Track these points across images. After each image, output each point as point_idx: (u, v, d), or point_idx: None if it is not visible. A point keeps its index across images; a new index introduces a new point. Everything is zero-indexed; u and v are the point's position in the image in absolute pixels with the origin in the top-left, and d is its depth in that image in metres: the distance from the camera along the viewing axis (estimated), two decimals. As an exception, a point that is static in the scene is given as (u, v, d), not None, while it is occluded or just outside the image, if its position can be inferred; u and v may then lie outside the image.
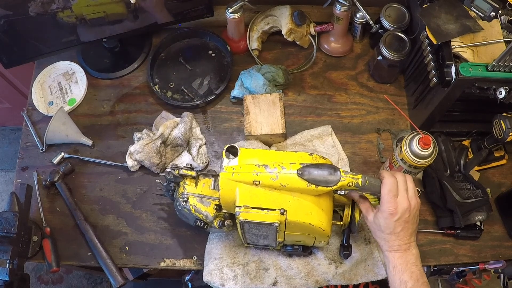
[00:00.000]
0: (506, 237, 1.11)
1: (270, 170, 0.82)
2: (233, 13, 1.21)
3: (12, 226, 0.98)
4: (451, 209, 1.06)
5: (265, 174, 0.82)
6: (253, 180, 0.83)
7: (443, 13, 1.01)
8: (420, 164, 0.95)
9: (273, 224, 0.83)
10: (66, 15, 1.10)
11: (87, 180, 1.18)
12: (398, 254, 0.86)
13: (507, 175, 1.17)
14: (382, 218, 0.85)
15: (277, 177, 0.82)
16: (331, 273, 1.03)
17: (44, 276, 1.99)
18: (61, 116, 1.18)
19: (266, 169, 0.83)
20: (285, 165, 0.82)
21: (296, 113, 1.26)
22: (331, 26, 1.27)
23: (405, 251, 0.86)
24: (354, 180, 0.83)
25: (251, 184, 0.83)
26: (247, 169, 0.84)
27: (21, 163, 1.21)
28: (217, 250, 1.05)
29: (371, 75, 1.30)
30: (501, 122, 1.00)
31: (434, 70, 1.00)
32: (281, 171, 0.82)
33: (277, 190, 0.83)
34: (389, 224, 0.85)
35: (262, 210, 0.83)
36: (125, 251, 1.10)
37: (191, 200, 0.94)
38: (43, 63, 1.32)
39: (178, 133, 1.16)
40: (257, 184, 0.83)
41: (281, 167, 0.82)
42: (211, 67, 1.32)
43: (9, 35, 1.09)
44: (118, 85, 1.31)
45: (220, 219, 0.95)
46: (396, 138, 1.21)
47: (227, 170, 0.85)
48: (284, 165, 0.82)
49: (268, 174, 0.82)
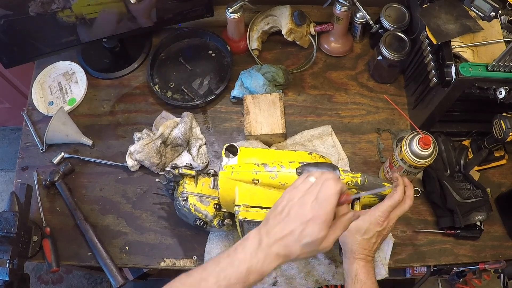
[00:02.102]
0: (506, 237, 1.11)
1: (269, 169, 0.83)
2: (233, 13, 1.21)
3: (12, 226, 0.98)
4: (451, 209, 1.06)
5: (264, 173, 0.82)
6: (252, 179, 0.83)
7: (443, 13, 1.01)
8: (420, 164, 0.95)
9: None
10: (66, 14, 1.10)
11: (87, 180, 1.18)
12: (363, 263, 0.86)
13: (507, 175, 1.17)
14: (368, 221, 0.86)
15: (276, 176, 0.82)
16: (331, 273, 1.03)
17: (44, 276, 1.99)
18: (61, 116, 1.18)
19: (266, 168, 0.83)
20: (284, 164, 0.82)
21: (296, 113, 1.26)
22: (331, 26, 1.27)
23: (369, 262, 0.87)
24: (353, 178, 0.83)
25: (250, 183, 0.83)
26: (247, 168, 0.84)
27: (21, 163, 1.21)
28: (217, 250, 1.05)
29: (371, 75, 1.30)
30: (501, 122, 1.00)
31: (434, 70, 1.00)
32: (280, 170, 0.82)
33: (276, 189, 0.83)
34: (370, 231, 0.85)
35: (261, 209, 0.83)
36: (125, 251, 1.10)
37: (190, 199, 0.94)
38: (43, 63, 1.32)
39: (178, 133, 1.16)
40: (256, 183, 0.83)
41: (280, 166, 0.82)
42: (211, 67, 1.32)
43: (9, 35, 1.09)
44: (118, 85, 1.31)
45: (220, 218, 0.95)
46: (396, 138, 1.21)
47: (227, 169, 0.85)
48: (283, 164, 0.82)
49: (267, 173, 0.82)
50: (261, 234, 0.66)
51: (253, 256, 0.65)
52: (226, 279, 0.64)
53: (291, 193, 0.68)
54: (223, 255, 0.67)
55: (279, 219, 0.66)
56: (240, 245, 0.67)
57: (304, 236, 0.64)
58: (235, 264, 0.65)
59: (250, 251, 0.65)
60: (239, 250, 0.66)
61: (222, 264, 0.66)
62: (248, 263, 0.64)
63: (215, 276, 0.64)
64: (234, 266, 0.65)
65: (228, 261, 0.66)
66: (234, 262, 0.65)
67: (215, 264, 0.66)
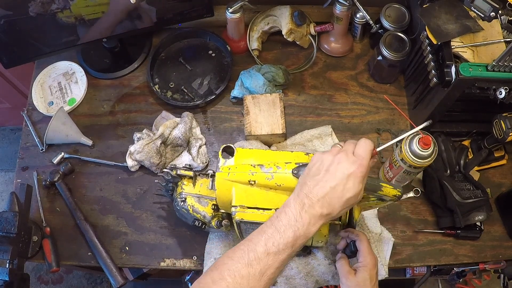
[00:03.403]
0: (506, 237, 1.11)
1: (265, 169, 0.82)
2: (233, 13, 1.21)
3: (12, 226, 0.98)
4: (451, 209, 1.06)
5: (261, 173, 0.82)
6: (248, 180, 0.83)
7: (443, 13, 1.01)
8: (420, 164, 0.95)
9: None
10: (66, 15, 1.10)
11: (87, 180, 1.18)
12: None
13: (507, 175, 1.17)
14: (366, 271, 0.82)
15: (272, 177, 0.82)
16: (331, 273, 1.03)
17: (44, 276, 1.99)
18: (61, 116, 1.18)
19: (262, 169, 0.83)
20: (280, 165, 0.82)
21: (296, 113, 1.26)
22: (331, 26, 1.27)
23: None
24: None
25: (247, 184, 0.83)
26: (243, 169, 0.84)
27: (21, 163, 1.21)
28: (216, 250, 1.05)
29: (371, 75, 1.30)
30: (501, 122, 1.00)
31: (434, 70, 1.00)
32: (276, 170, 0.82)
33: (273, 190, 0.83)
34: (372, 276, 0.82)
35: (258, 210, 0.83)
36: (125, 251, 1.10)
37: (188, 200, 0.94)
38: (43, 63, 1.32)
39: (178, 133, 1.16)
40: (252, 184, 0.83)
41: (277, 166, 0.82)
42: (211, 67, 1.32)
43: (9, 35, 1.09)
44: (118, 85, 1.31)
45: (218, 219, 0.95)
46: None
47: (223, 170, 0.85)
48: (279, 165, 0.82)
49: (264, 173, 0.82)
50: (301, 197, 0.68)
51: (298, 221, 0.66)
52: (274, 246, 0.65)
53: (323, 156, 0.71)
54: (266, 224, 0.68)
55: (317, 179, 0.69)
56: (282, 212, 0.68)
57: (347, 190, 0.68)
58: (281, 230, 0.66)
59: (294, 216, 0.67)
60: (282, 217, 0.68)
61: (268, 232, 0.67)
62: (294, 227, 0.66)
63: (263, 245, 0.65)
64: (280, 232, 0.66)
65: (273, 229, 0.67)
66: (280, 229, 0.66)
67: (261, 234, 0.67)
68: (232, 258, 0.66)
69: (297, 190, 0.71)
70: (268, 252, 0.65)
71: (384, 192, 0.87)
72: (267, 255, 0.65)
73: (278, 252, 0.65)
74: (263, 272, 0.65)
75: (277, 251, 0.65)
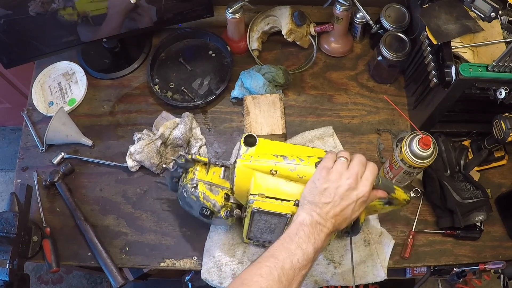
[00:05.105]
0: (506, 237, 1.11)
1: (288, 161, 0.83)
2: (233, 13, 1.21)
3: (12, 226, 0.98)
4: (451, 210, 1.06)
5: (284, 164, 0.83)
6: (270, 169, 0.83)
7: (443, 14, 1.01)
8: (420, 164, 0.95)
9: (286, 215, 0.84)
10: (68, 12, 1.10)
11: (87, 180, 1.18)
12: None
13: (507, 176, 1.17)
14: None
15: (295, 169, 0.82)
16: (330, 273, 1.03)
17: (44, 276, 1.99)
18: (61, 116, 1.18)
19: (285, 160, 0.83)
20: (303, 158, 0.83)
21: (296, 113, 1.26)
22: (331, 26, 1.27)
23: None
24: None
25: (268, 173, 0.84)
26: (266, 157, 0.84)
27: (21, 163, 1.21)
28: (216, 248, 1.05)
29: (371, 75, 1.30)
30: (501, 123, 1.00)
31: (434, 71, 1.00)
32: (299, 163, 0.83)
33: (293, 182, 0.84)
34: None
35: (276, 200, 0.84)
36: (125, 251, 1.10)
37: (200, 187, 0.92)
38: (43, 63, 1.32)
39: (178, 134, 1.16)
40: (274, 174, 0.84)
41: (300, 159, 0.83)
42: (211, 67, 1.32)
43: (9, 35, 1.09)
44: (118, 85, 1.31)
45: (227, 209, 0.93)
46: (396, 139, 1.21)
47: (245, 158, 0.85)
48: (302, 158, 0.83)
49: (287, 164, 0.83)
50: (315, 218, 0.75)
51: (316, 239, 0.74)
52: (299, 262, 0.72)
53: (329, 176, 0.77)
54: (286, 241, 0.74)
55: (327, 200, 0.76)
56: (301, 230, 0.75)
57: (353, 212, 0.77)
58: (303, 247, 0.73)
59: (313, 234, 0.74)
60: (301, 235, 0.74)
61: (291, 249, 0.73)
62: (314, 244, 0.74)
63: (289, 263, 0.72)
64: (303, 249, 0.73)
65: (295, 246, 0.73)
66: (302, 246, 0.73)
67: (285, 251, 0.73)
68: (262, 275, 0.70)
69: (308, 207, 0.77)
70: (294, 268, 0.72)
71: (396, 195, 0.87)
72: (294, 271, 0.72)
73: (301, 268, 0.73)
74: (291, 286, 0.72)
75: (301, 266, 0.72)
